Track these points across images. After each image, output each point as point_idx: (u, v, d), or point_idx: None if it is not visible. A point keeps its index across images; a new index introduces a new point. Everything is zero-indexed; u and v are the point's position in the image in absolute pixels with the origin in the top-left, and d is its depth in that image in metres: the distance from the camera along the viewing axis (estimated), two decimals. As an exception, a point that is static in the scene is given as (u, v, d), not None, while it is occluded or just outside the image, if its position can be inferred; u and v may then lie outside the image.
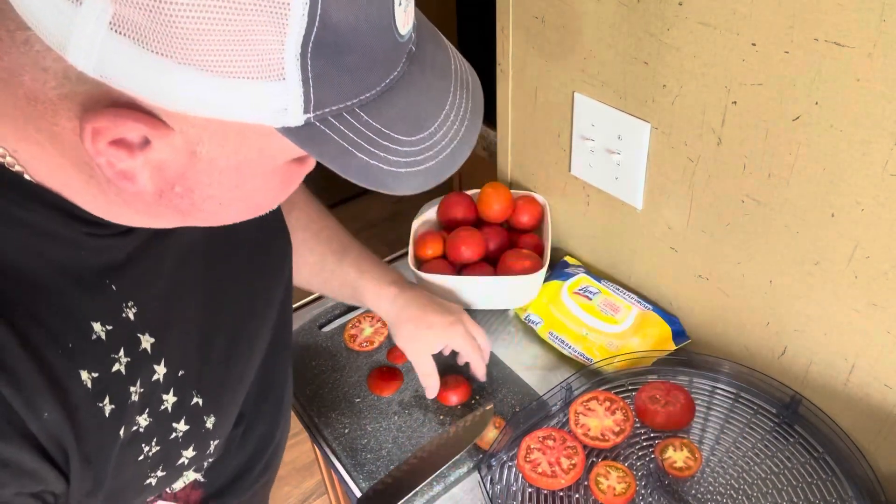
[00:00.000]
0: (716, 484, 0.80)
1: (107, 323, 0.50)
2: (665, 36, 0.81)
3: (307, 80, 0.37)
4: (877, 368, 0.78)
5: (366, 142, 0.41)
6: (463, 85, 0.47)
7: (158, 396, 0.55)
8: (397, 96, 0.42)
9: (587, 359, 0.97)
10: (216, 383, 0.61)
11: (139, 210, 0.47)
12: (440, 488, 0.85)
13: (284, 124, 0.39)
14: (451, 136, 0.45)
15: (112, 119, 0.38)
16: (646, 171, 0.93)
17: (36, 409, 0.45)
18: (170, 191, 0.44)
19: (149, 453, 0.55)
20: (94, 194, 0.46)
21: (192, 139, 0.41)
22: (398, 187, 0.44)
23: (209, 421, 0.61)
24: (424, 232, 1.10)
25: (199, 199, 0.45)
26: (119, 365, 0.51)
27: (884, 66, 0.63)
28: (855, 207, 0.71)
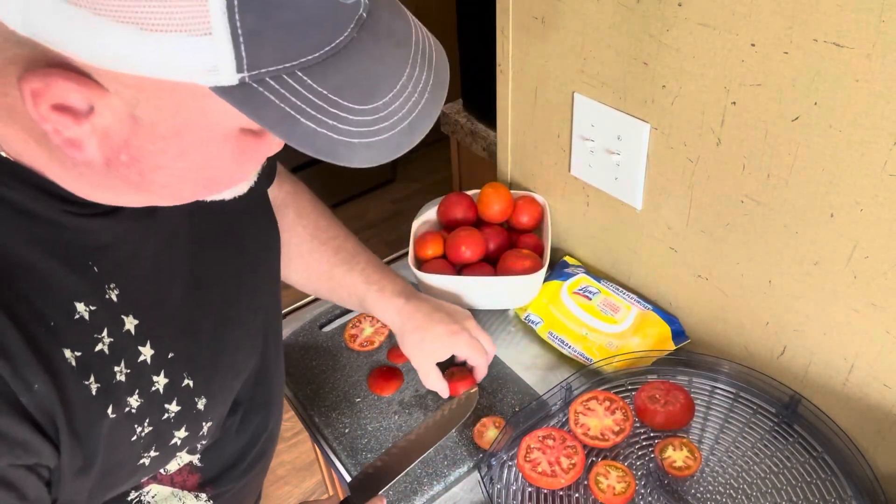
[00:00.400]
0: (715, 483, 0.80)
1: (90, 303, 0.50)
2: (665, 36, 0.81)
3: (236, 35, 0.36)
4: (876, 368, 0.78)
5: (310, 107, 0.39)
6: (424, 56, 0.45)
7: (148, 377, 0.55)
8: (345, 62, 0.40)
9: (587, 359, 0.97)
10: (207, 366, 0.61)
11: (94, 183, 0.47)
12: (440, 488, 0.85)
13: (216, 83, 0.38)
14: (409, 107, 0.43)
15: (42, 78, 0.38)
16: (645, 171, 0.93)
17: (26, 380, 0.45)
18: (116, 159, 0.43)
19: (141, 434, 0.55)
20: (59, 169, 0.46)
21: (129, 101, 0.40)
22: (352, 158, 0.42)
23: (200, 402, 0.61)
24: (424, 232, 1.10)
25: (147, 170, 0.44)
26: (102, 345, 0.51)
27: (883, 67, 0.63)
28: (854, 207, 0.72)
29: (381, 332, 1.05)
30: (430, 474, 0.85)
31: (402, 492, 0.84)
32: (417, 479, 0.85)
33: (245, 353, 0.67)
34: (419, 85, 0.44)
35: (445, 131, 1.48)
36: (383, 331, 1.05)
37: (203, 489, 0.67)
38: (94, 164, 0.43)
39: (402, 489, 0.84)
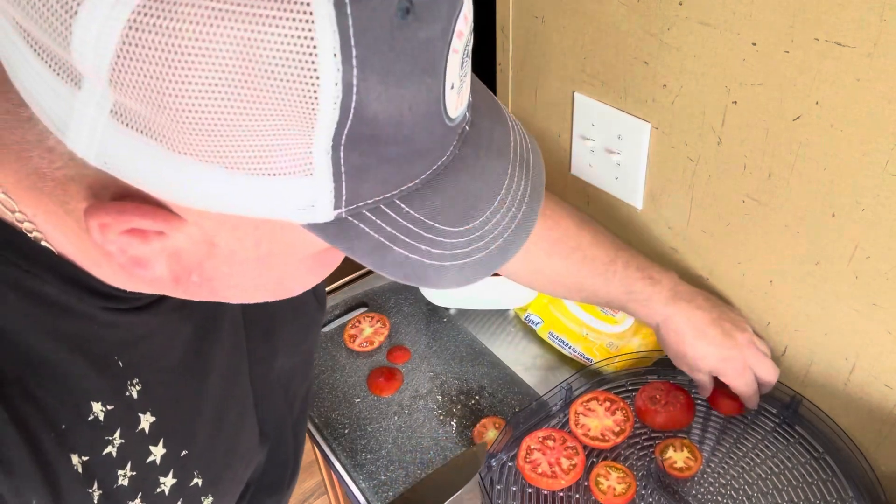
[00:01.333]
0: (716, 484, 0.80)
1: (108, 403, 0.46)
2: (665, 36, 0.81)
3: (339, 174, 0.32)
4: (877, 368, 0.78)
5: (404, 234, 0.36)
6: (522, 163, 0.41)
7: (154, 479, 0.51)
8: (445, 183, 0.36)
9: (587, 359, 0.97)
10: (220, 461, 0.57)
11: (158, 290, 0.43)
12: (440, 489, 0.85)
13: (311, 221, 0.34)
14: (506, 223, 0.39)
15: (116, 216, 0.34)
16: (646, 171, 0.93)
17: (24, 496, 0.41)
18: (187, 279, 0.39)
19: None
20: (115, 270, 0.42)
21: (208, 231, 0.36)
22: (440, 282, 0.38)
23: (206, 501, 0.56)
24: (424, 232, 1.09)
25: (220, 288, 0.41)
26: (111, 447, 0.47)
27: (884, 66, 0.63)
28: (855, 207, 0.71)
29: (381, 332, 1.04)
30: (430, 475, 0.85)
31: (402, 492, 0.84)
32: (417, 479, 0.85)
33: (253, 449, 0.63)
34: (517, 197, 0.40)
35: (445, 131, 1.47)
36: (383, 331, 1.05)
37: None
38: (162, 280, 0.39)
39: (400, 490, 0.84)
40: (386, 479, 0.85)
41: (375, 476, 0.85)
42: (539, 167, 0.43)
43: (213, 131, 0.30)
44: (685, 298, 0.83)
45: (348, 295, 1.13)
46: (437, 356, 1.01)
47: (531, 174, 0.41)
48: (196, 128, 0.30)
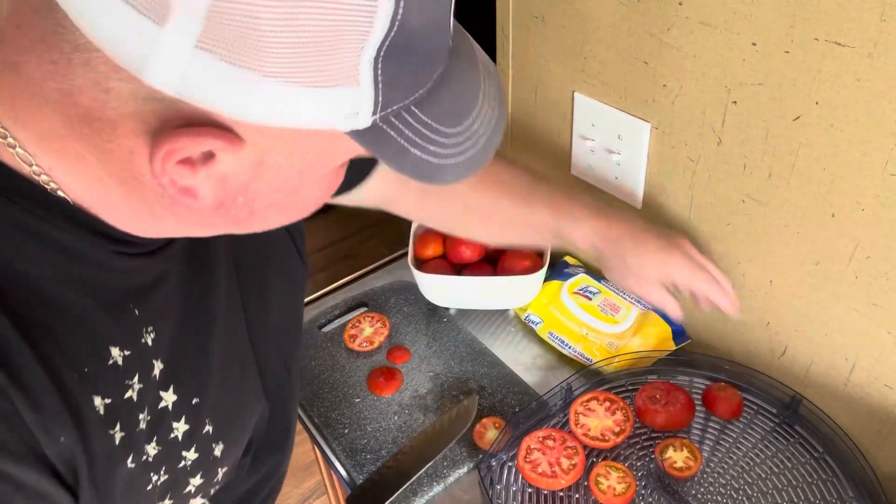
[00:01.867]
0: (716, 484, 0.80)
1: (125, 348, 0.49)
2: (665, 36, 0.81)
3: (377, 82, 0.38)
4: (877, 368, 0.78)
5: (419, 137, 0.42)
6: (487, 71, 0.47)
7: (168, 424, 0.54)
8: (442, 90, 0.42)
9: (587, 359, 0.97)
10: (229, 411, 0.61)
11: (189, 222, 0.46)
12: (440, 488, 0.85)
13: (354, 127, 0.39)
14: (486, 123, 0.46)
15: (192, 137, 0.38)
16: (646, 170, 0.93)
17: (52, 432, 0.44)
18: (231, 202, 0.43)
19: (157, 482, 0.54)
20: (134, 208, 0.45)
21: (264, 149, 0.40)
22: (443, 178, 0.44)
23: (217, 449, 0.60)
24: (424, 232, 1.10)
25: (259, 208, 0.45)
26: (132, 391, 0.50)
27: (884, 66, 0.63)
28: (855, 207, 0.71)
29: (381, 332, 1.04)
30: (430, 475, 0.85)
31: (402, 492, 0.84)
32: (417, 480, 0.85)
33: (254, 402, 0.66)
34: (489, 98, 0.46)
35: (445, 131, 1.47)
36: (383, 331, 1.05)
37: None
38: (202, 208, 0.43)
39: (401, 491, 0.84)
40: (386, 478, 0.85)
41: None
42: (495, 70, 0.49)
43: (290, 49, 0.34)
44: (614, 211, 0.83)
45: (348, 295, 1.13)
46: (437, 356, 1.01)
47: (493, 79, 0.48)
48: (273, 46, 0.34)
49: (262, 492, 0.71)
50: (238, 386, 0.62)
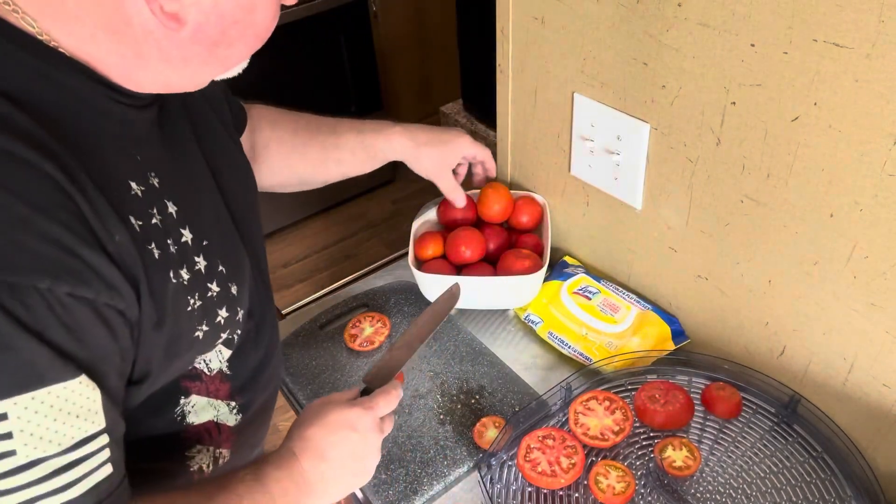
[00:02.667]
0: (715, 483, 0.80)
1: (140, 184, 0.56)
2: (664, 37, 0.81)
3: None
4: (875, 368, 0.78)
5: None
6: None
7: (191, 258, 0.61)
8: None
9: (587, 358, 0.97)
10: (231, 256, 0.68)
11: (172, 58, 0.54)
12: (440, 488, 0.85)
13: None
14: None
15: None
16: (645, 171, 0.93)
17: (110, 230, 0.50)
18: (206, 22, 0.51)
19: (195, 305, 0.61)
20: (123, 56, 0.53)
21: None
22: None
23: (234, 288, 0.67)
24: (424, 232, 1.10)
25: (227, 25, 0.52)
26: (156, 220, 0.57)
27: (882, 67, 0.63)
28: (854, 208, 0.72)
29: (381, 332, 1.05)
30: (430, 474, 0.86)
31: (402, 492, 0.84)
32: (417, 479, 0.85)
33: (253, 249, 0.74)
34: None
35: (445, 131, 1.48)
36: (383, 331, 1.05)
37: (233, 398, 0.72)
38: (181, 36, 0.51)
39: (401, 489, 0.84)
40: (387, 477, 0.85)
41: (376, 475, 0.86)
42: None
43: None
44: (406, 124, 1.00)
45: (349, 295, 1.14)
46: (437, 356, 1.01)
47: None
48: None
49: (268, 366, 0.78)
50: (228, 234, 0.70)
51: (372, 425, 0.70)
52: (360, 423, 0.69)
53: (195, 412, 0.68)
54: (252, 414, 0.76)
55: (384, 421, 0.73)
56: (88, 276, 0.48)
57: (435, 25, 2.88)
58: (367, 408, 0.70)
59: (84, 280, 0.48)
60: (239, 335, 0.70)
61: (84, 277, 0.48)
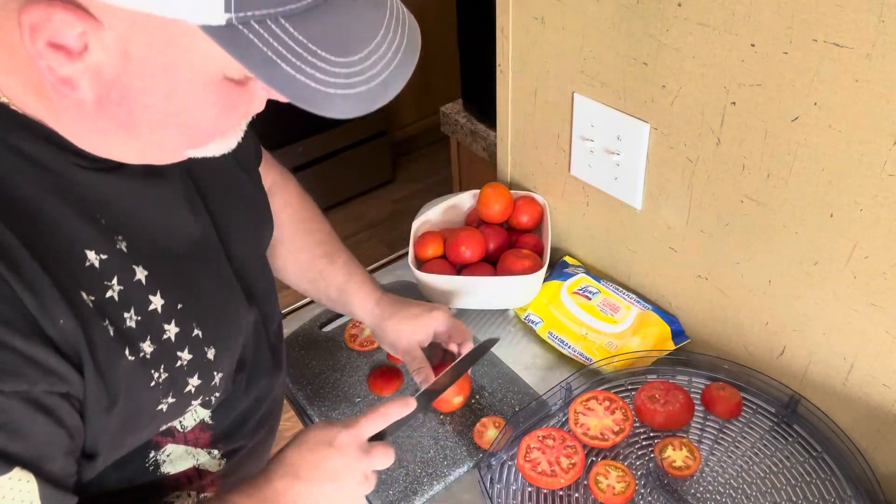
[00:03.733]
0: (715, 483, 0.80)
1: (101, 252, 0.53)
2: (664, 37, 0.81)
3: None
4: (875, 368, 0.78)
5: (290, 53, 0.43)
6: (398, 20, 0.48)
7: (159, 326, 0.58)
8: (325, 15, 0.44)
9: (587, 358, 0.97)
10: (212, 318, 0.64)
11: (87, 128, 0.49)
12: (440, 488, 0.85)
13: (205, 22, 0.41)
14: (384, 65, 0.46)
15: (45, 8, 0.41)
16: (645, 171, 0.93)
17: (52, 315, 0.48)
18: (107, 97, 0.46)
19: (159, 380, 0.58)
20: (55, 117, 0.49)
21: (122, 36, 0.43)
22: (329, 108, 0.45)
23: (210, 352, 0.63)
24: (424, 232, 1.10)
25: (136, 108, 0.47)
26: (112, 292, 0.54)
27: (882, 67, 0.63)
28: (854, 208, 0.72)
29: (381, 331, 1.05)
30: (430, 474, 0.86)
31: (402, 492, 0.84)
32: (417, 479, 0.85)
33: (242, 311, 0.70)
34: (393, 46, 0.47)
35: (445, 131, 1.48)
36: (383, 331, 1.05)
37: (215, 445, 0.69)
38: (86, 104, 0.46)
39: (401, 489, 0.84)
40: (387, 478, 0.85)
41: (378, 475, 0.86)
42: (415, 28, 0.50)
43: None
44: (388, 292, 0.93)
45: (348, 295, 1.13)
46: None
47: (407, 32, 0.49)
48: None
49: (258, 412, 0.75)
50: (217, 294, 0.65)
51: (352, 443, 0.65)
52: (338, 440, 0.65)
53: (170, 461, 0.65)
54: (241, 458, 0.73)
55: (374, 448, 0.67)
56: (21, 368, 0.46)
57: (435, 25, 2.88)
58: (347, 426, 0.66)
59: (16, 373, 0.46)
60: (218, 396, 0.66)
61: (16, 370, 0.46)
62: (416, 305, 0.90)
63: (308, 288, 0.93)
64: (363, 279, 0.91)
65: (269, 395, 0.76)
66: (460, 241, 1.05)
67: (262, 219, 0.77)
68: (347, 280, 0.90)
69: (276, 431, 0.82)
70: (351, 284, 0.90)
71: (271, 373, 0.76)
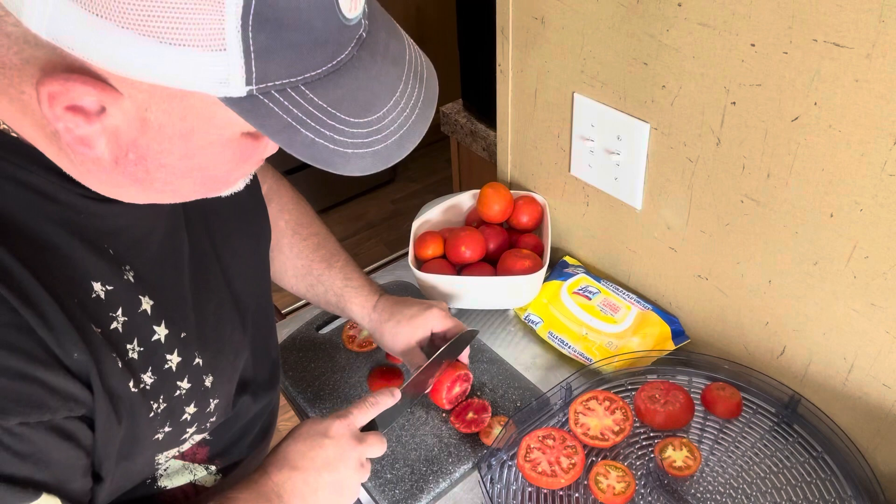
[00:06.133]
0: (715, 483, 0.80)
1: (107, 283, 0.53)
2: (664, 37, 0.81)
3: (248, 52, 0.39)
4: (875, 368, 0.78)
5: (310, 119, 0.43)
6: (416, 74, 0.48)
7: (161, 356, 0.58)
8: (344, 78, 0.43)
9: (587, 358, 0.97)
10: (213, 345, 0.64)
11: (101, 180, 0.49)
12: (446, 485, 0.85)
13: (226, 94, 0.41)
14: (401, 122, 0.47)
15: (63, 83, 0.40)
16: (645, 171, 0.93)
17: (66, 348, 0.48)
18: (124, 157, 0.46)
19: (158, 410, 0.58)
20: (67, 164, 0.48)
21: (141, 105, 0.43)
22: (346, 167, 0.46)
23: (207, 380, 0.63)
24: (424, 232, 1.10)
25: (152, 168, 0.47)
26: (116, 323, 0.53)
27: (882, 67, 0.63)
28: (854, 208, 0.72)
29: (381, 332, 1.05)
30: (436, 472, 0.86)
31: (409, 490, 0.84)
32: (423, 476, 0.85)
33: (242, 333, 0.70)
34: (411, 100, 0.47)
35: (445, 131, 1.48)
36: (383, 331, 1.05)
37: (212, 461, 0.69)
38: (103, 161, 0.46)
39: (407, 488, 0.84)
40: (392, 476, 0.85)
41: (381, 475, 0.86)
42: (432, 81, 0.50)
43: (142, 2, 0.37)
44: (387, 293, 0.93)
45: (348, 295, 1.13)
46: (437, 356, 1.01)
47: (425, 85, 0.49)
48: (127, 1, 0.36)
49: (256, 427, 0.75)
50: (218, 323, 0.65)
51: (347, 433, 0.68)
52: (332, 430, 0.68)
53: (168, 476, 0.65)
54: (236, 475, 0.73)
55: (366, 436, 0.71)
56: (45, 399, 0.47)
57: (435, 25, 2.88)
58: (340, 416, 0.70)
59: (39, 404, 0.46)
60: (213, 421, 0.66)
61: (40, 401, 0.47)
62: (412, 305, 0.90)
63: (306, 293, 0.93)
64: (360, 283, 0.91)
65: (268, 409, 0.77)
66: (460, 241, 1.05)
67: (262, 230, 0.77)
68: (344, 285, 0.91)
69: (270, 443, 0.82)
70: (348, 289, 0.91)
71: (272, 387, 0.77)
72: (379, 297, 0.91)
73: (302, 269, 0.91)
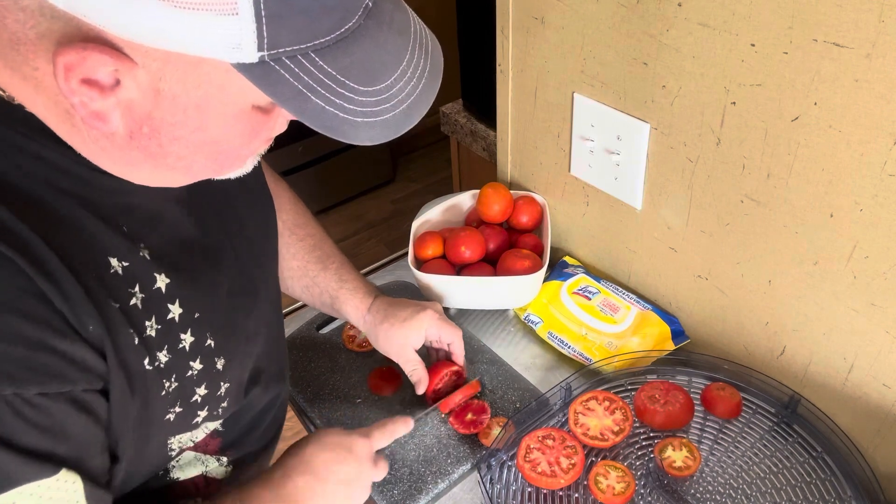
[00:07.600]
0: (715, 483, 0.80)
1: (123, 259, 0.53)
2: (664, 37, 0.81)
3: (260, 17, 0.40)
4: (875, 368, 0.78)
5: (320, 86, 0.44)
6: (422, 45, 0.49)
7: (176, 335, 0.58)
8: (353, 46, 0.44)
9: (587, 359, 0.97)
10: (225, 328, 0.64)
11: (114, 157, 0.50)
12: (444, 486, 0.85)
13: (239, 60, 0.42)
14: (409, 91, 0.47)
15: (80, 51, 0.41)
16: (645, 171, 0.93)
17: (82, 320, 0.48)
18: (138, 131, 0.47)
19: (169, 389, 0.58)
20: (80, 143, 0.49)
21: (155, 74, 0.43)
22: (355, 136, 0.46)
23: (219, 363, 0.63)
24: (424, 232, 1.10)
25: (166, 141, 0.48)
26: (136, 299, 0.54)
27: (882, 67, 0.63)
28: (854, 208, 0.72)
29: (381, 332, 1.05)
30: (434, 472, 0.86)
31: (407, 491, 0.84)
32: (421, 477, 0.85)
33: (254, 321, 0.70)
34: (417, 70, 0.48)
35: (445, 131, 1.48)
36: (383, 331, 1.05)
37: (224, 453, 0.70)
38: (117, 136, 0.47)
39: (406, 488, 0.84)
40: (391, 477, 0.85)
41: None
42: (437, 52, 0.51)
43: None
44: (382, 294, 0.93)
45: (348, 295, 1.13)
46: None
47: (430, 56, 0.50)
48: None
49: (267, 418, 0.75)
50: (230, 308, 0.66)
51: (368, 454, 0.71)
52: (356, 448, 0.70)
53: (180, 467, 0.66)
54: (246, 466, 0.74)
55: (379, 461, 0.74)
56: (64, 369, 0.47)
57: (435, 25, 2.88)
58: (364, 434, 0.72)
59: (58, 375, 0.46)
60: (225, 406, 0.66)
61: (58, 372, 0.46)
62: (406, 307, 0.90)
63: (302, 294, 0.93)
64: (355, 285, 0.92)
65: (277, 401, 0.77)
66: (460, 242, 1.05)
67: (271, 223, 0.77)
68: (340, 287, 0.91)
69: (279, 436, 0.82)
70: (343, 291, 0.91)
71: (283, 379, 0.77)
72: (374, 298, 0.91)
73: (298, 271, 0.91)
